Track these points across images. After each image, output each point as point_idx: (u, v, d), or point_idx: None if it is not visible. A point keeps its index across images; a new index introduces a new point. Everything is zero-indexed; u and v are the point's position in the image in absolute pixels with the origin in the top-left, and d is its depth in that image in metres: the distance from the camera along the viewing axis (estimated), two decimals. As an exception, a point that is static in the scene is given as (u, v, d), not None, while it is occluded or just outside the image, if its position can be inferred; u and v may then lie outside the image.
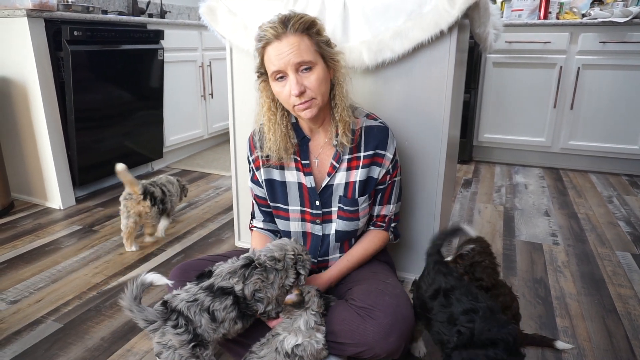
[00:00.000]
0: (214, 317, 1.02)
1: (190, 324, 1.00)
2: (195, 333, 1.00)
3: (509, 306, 1.33)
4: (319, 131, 1.27)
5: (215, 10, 1.65)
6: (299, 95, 1.11)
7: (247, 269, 1.09)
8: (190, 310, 1.01)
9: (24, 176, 2.60)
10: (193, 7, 4.43)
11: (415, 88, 1.51)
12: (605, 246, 2.09)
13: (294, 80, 1.10)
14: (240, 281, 1.07)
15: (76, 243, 2.12)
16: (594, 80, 3.05)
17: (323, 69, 1.14)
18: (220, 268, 1.10)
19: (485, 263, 1.32)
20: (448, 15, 1.36)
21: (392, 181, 1.31)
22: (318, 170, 1.28)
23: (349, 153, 1.25)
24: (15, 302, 1.65)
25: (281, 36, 1.10)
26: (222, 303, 1.04)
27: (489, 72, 3.29)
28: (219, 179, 3.12)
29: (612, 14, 2.92)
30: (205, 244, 2.12)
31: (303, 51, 1.10)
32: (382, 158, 1.26)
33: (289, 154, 1.25)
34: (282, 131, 1.22)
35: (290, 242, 1.17)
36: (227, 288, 1.06)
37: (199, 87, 3.58)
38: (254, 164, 1.32)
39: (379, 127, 1.27)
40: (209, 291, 1.04)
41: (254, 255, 1.13)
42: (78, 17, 2.43)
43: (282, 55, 1.10)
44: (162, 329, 1.00)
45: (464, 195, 2.76)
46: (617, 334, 1.47)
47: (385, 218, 1.35)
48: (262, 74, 1.19)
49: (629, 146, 3.08)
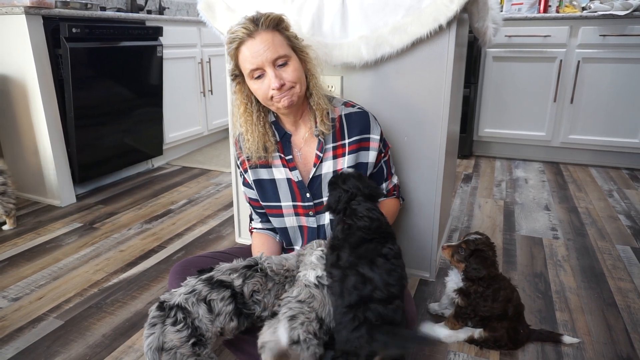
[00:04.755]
0: (210, 307, 1.03)
1: (189, 316, 1.01)
2: (194, 326, 1.00)
3: (510, 298, 1.34)
4: (299, 124, 1.29)
5: (214, 6, 1.65)
6: (279, 88, 1.14)
7: (249, 269, 1.11)
8: (188, 302, 1.02)
9: (24, 174, 2.60)
10: (191, 4, 4.42)
11: (415, 83, 1.50)
12: (605, 240, 2.09)
13: (272, 74, 1.13)
14: (241, 278, 1.08)
15: (77, 240, 2.12)
16: (594, 73, 3.03)
17: (297, 62, 1.18)
18: (222, 265, 1.12)
19: (487, 254, 1.33)
20: (447, 10, 1.35)
21: (387, 156, 1.36)
22: (303, 164, 1.29)
23: (332, 141, 1.27)
24: (16, 300, 1.66)
25: (254, 34, 1.12)
26: (220, 294, 1.05)
27: (488, 67, 3.28)
28: (219, 176, 3.12)
29: (612, 7, 2.91)
30: (206, 241, 2.13)
31: (278, 46, 1.13)
32: (368, 142, 1.28)
33: (270, 153, 1.26)
34: (260, 131, 1.24)
35: (290, 259, 1.19)
36: (226, 282, 1.07)
37: (199, 83, 3.58)
38: (242, 167, 1.34)
39: (357, 112, 1.29)
40: (207, 282, 1.06)
41: (259, 259, 1.15)
42: (76, 14, 2.42)
43: (258, 53, 1.12)
44: (162, 328, 0.99)
45: (464, 190, 2.76)
46: (617, 328, 1.48)
47: (395, 187, 1.42)
48: (237, 76, 1.22)
49: (629, 140, 3.07)
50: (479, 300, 1.33)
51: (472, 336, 1.39)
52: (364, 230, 1.08)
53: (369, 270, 1.02)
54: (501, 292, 1.33)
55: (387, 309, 0.98)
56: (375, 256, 1.04)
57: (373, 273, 1.01)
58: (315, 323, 1.05)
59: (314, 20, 1.48)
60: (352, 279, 1.02)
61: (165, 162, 3.44)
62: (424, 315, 1.55)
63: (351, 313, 1.00)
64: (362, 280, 1.01)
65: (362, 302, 0.99)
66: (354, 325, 0.98)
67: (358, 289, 1.00)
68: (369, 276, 1.01)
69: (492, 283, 1.33)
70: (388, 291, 1.00)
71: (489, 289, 1.32)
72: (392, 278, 1.02)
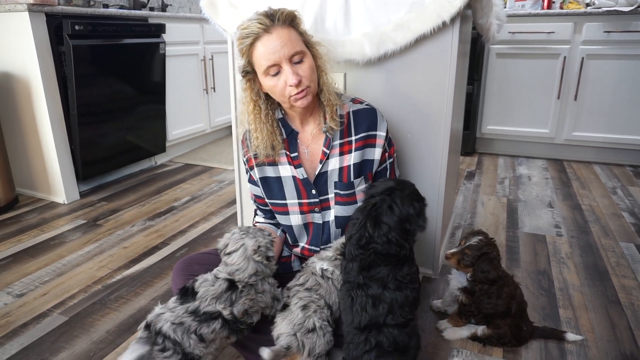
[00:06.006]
0: (202, 338, 0.99)
1: (178, 346, 0.96)
2: (184, 352, 0.97)
3: (514, 295, 1.34)
4: (308, 121, 1.28)
5: (217, 3, 1.64)
6: (297, 85, 1.12)
7: (233, 292, 1.04)
8: (176, 333, 0.97)
9: (28, 171, 2.61)
10: (194, 1, 4.41)
11: (418, 80, 1.50)
12: (609, 237, 2.08)
13: (290, 71, 1.11)
14: (227, 306, 1.03)
15: (81, 237, 2.13)
16: (598, 70, 3.02)
17: (311, 58, 1.17)
18: (203, 289, 1.04)
19: (493, 255, 1.32)
20: (450, 6, 1.35)
21: (392, 158, 1.34)
22: (310, 160, 1.28)
23: (339, 138, 1.26)
24: (21, 296, 1.67)
25: (270, 29, 1.10)
26: (210, 327, 1.00)
27: (492, 63, 3.27)
28: (222, 173, 3.12)
29: (616, 3, 2.89)
30: (209, 238, 2.13)
31: (294, 42, 1.12)
32: (375, 138, 1.28)
33: (277, 151, 1.26)
34: (269, 129, 1.23)
35: (245, 242, 1.10)
36: (214, 313, 1.01)
37: (201, 80, 3.58)
38: (248, 164, 1.34)
39: (365, 109, 1.28)
40: (195, 315, 1.00)
41: (230, 274, 1.07)
42: (79, 11, 2.42)
43: (275, 49, 1.10)
44: (150, 352, 0.95)
45: (467, 188, 2.76)
46: (621, 325, 1.47)
47: None
48: (248, 73, 1.19)
49: (633, 137, 3.06)
50: (483, 298, 1.33)
51: (475, 333, 1.39)
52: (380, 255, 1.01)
53: (382, 292, 0.98)
54: (505, 289, 1.33)
55: (401, 334, 0.96)
56: (390, 280, 1.00)
57: (385, 295, 0.98)
58: (326, 309, 1.06)
59: (316, 16, 1.48)
60: (363, 299, 0.99)
61: (168, 159, 3.44)
62: (427, 313, 1.56)
63: (363, 335, 0.98)
64: (372, 303, 0.98)
65: (375, 326, 0.97)
66: (365, 348, 0.97)
67: (367, 310, 0.97)
68: (381, 298, 0.98)
69: (497, 280, 1.33)
70: (402, 316, 0.97)
71: (494, 286, 1.32)
72: (407, 301, 0.99)
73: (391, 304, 0.98)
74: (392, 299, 0.98)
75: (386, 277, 1.00)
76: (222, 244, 1.11)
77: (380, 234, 1.00)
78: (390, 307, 0.97)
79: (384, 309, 0.97)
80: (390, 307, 0.97)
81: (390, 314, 0.97)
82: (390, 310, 0.97)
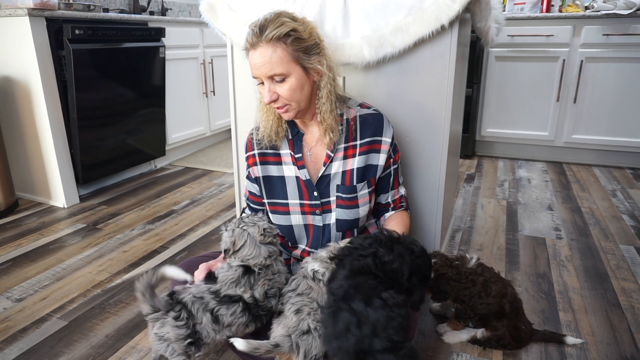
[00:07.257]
0: (217, 319, 1.03)
1: (191, 319, 1.01)
2: (194, 329, 1.01)
3: (504, 293, 1.33)
4: (312, 124, 1.29)
5: (216, 7, 1.65)
6: (270, 102, 1.16)
7: (250, 275, 1.09)
8: (194, 306, 1.02)
9: (28, 175, 2.61)
10: (194, 5, 4.43)
11: (417, 83, 1.50)
12: (609, 240, 2.08)
13: (267, 88, 1.15)
14: (248, 289, 1.08)
15: (80, 241, 2.13)
16: (597, 73, 3.02)
17: (299, 78, 1.15)
18: (222, 274, 1.10)
19: (449, 275, 1.34)
20: (449, 10, 1.35)
21: (397, 164, 1.35)
22: (313, 162, 1.29)
23: (344, 142, 1.27)
24: (20, 300, 1.66)
25: (256, 45, 1.12)
26: (230, 309, 1.05)
27: (491, 66, 3.27)
28: (221, 176, 3.12)
29: (615, 6, 2.90)
30: (209, 241, 2.13)
31: (275, 64, 1.11)
32: (380, 144, 1.28)
33: (280, 137, 1.28)
34: (275, 114, 1.26)
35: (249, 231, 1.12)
36: (235, 296, 1.06)
37: (201, 84, 3.58)
38: (248, 161, 1.35)
39: (372, 114, 1.29)
40: (215, 295, 1.06)
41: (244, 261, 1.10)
42: (79, 15, 2.43)
43: (255, 66, 1.14)
44: (163, 319, 1.01)
45: (466, 190, 2.76)
46: (621, 328, 1.47)
47: (402, 198, 1.39)
48: None
49: (632, 139, 3.06)
50: (474, 299, 1.33)
51: (474, 336, 1.39)
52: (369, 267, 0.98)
53: (364, 309, 0.91)
54: (492, 287, 1.33)
55: (397, 357, 0.88)
56: (373, 296, 0.93)
57: (368, 313, 0.91)
58: (320, 311, 1.06)
59: (315, 20, 1.48)
60: (347, 315, 0.92)
61: (168, 163, 3.45)
62: (427, 316, 1.55)
63: None
64: (357, 322, 0.90)
65: (363, 352, 0.89)
66: None
67: (352, 331, 0.90)
68: (364, 316, 0.90)
69: (472, 277, 1.33)
70: (389, 340, 0.89)
71: (475, 286, 1.32)
72: (390, 325, 0.90)
73: (374, 325, 0.90)
74: (375, 319, 0.90)
75: (372, 289, 0.95)
76: (228, 244, 1.12)
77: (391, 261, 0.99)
78: (374, 329, 0.89)
79: (368, 329, 0.89)
80: (374, 328, 0.89)
81: (376, 337, 0.89)
82: (374, 332, 0.89)
